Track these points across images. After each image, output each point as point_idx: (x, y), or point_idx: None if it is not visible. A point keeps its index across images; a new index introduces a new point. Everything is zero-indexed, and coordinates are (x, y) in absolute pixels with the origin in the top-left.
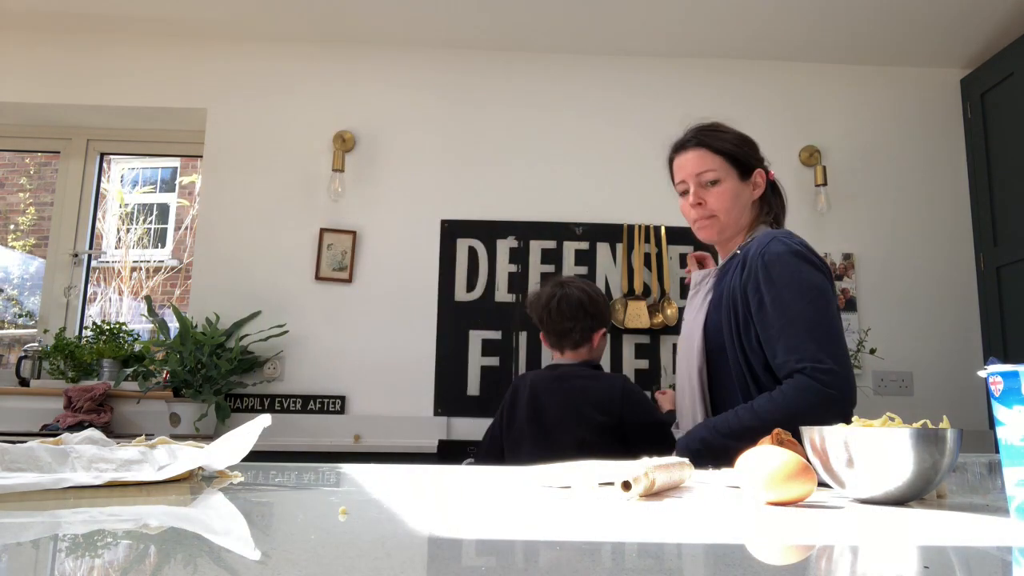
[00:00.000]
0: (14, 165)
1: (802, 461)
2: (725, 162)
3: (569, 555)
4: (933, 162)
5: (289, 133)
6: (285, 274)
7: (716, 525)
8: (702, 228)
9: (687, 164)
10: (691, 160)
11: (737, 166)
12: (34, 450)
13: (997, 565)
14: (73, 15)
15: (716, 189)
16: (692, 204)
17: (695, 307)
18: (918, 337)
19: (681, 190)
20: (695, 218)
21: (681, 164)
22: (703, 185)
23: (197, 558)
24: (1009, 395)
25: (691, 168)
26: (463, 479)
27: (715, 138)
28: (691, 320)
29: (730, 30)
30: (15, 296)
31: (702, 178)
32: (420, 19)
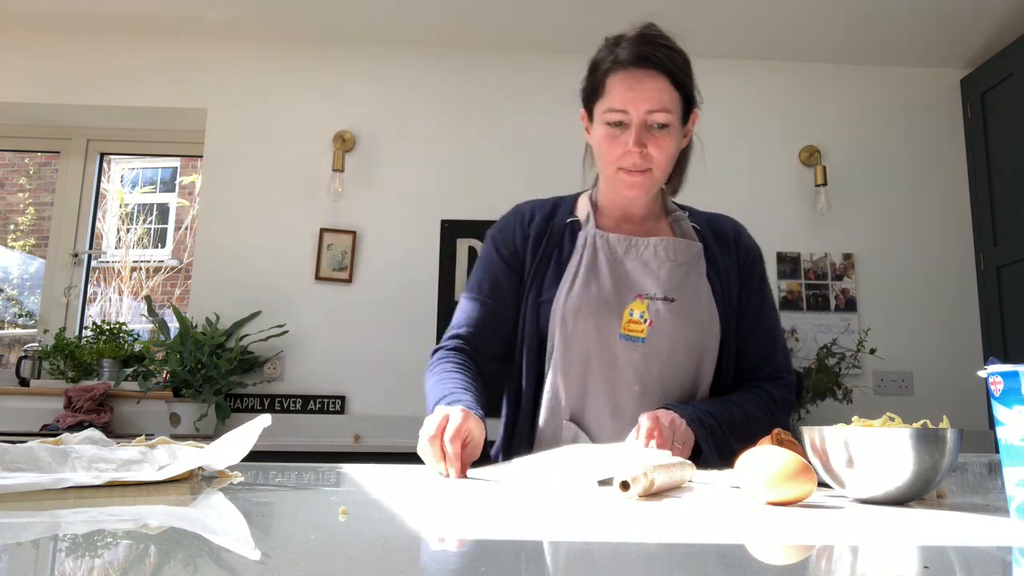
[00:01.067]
0: (14, 165)
1: (802, 461)
2: (680, 101)
3: (569, 555)
4: (933, 162)
5: (289, 133)
6: (285, 274)
7: (716, 525)
8: (634, 184)
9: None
10: (647, 88)
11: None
12: (34, 450)
13: (997, 565)
14: (73, 15)
15: (663, 136)
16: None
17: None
18: (918, 337)
19: (615, 120)
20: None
21: (629, 85)
22: (650, 127)
23: (197, 558)
24: (1009, 395)
25: (644, 99)
26: (462, 479)
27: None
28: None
29: (730, 30)
30: (15, 296)
31: (654, 118)
32: (420, 19)
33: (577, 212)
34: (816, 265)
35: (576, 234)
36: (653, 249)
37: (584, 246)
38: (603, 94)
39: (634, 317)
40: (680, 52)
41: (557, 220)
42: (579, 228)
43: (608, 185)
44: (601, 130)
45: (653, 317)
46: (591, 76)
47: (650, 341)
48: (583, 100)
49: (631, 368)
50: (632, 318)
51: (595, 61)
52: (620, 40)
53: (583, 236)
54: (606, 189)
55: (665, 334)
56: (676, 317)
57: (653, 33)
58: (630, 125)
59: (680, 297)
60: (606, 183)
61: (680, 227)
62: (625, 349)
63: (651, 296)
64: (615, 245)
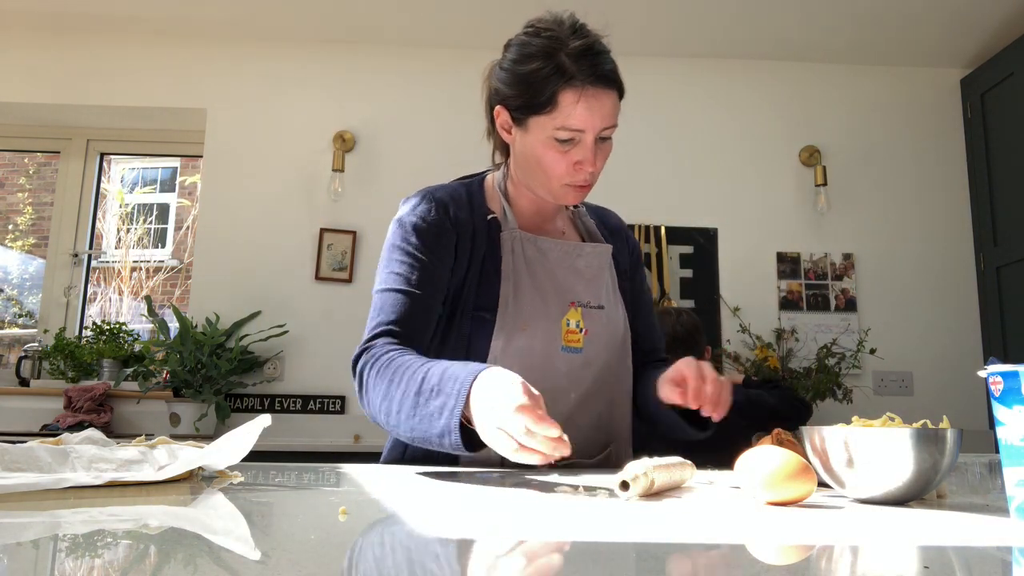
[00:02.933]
0: (14, 165)
1: (802, 461)
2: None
3: (569, 555)
4: (933, 162)
5: (289, 133)
6: (285, 274)
7: (716, 525)
8: (579, 196)
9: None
10: (605, 106)
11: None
12: (34, 450)
13: (997, 565)
14: (73, 15)
15: (606, 148)
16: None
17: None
18: (918, 337)
19: (567, 137)
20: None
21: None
22: (598, 142)
23: (197, 558)
24: (1009, 395)
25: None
26: (462, 479)
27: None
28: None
29: (730, 30)
30: (15, 296)
31: (606, 133)
32: (420, 19)
33: (490, 205)
34: (816, 265)
35: (496, 233)
36: (584, 255)
37: (513, 251)
38: (554, 109)
39: (571, 327)
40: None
41: (476, 216)
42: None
43: (543, 193)
44: (545, 143)
45: (588, 326)
46: (532, 88)
47: (587, 350)
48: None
49: (566, 378)
50: (569, 328)
51: (536, 69)
52: (561, 45)
53: (509, 239)
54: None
55: (599, 341)
56: (607, 323)
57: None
58: (581, 143)
59: (606, 302)
60: (543, 192)
61: (583, 223)
62: (564, 360)
63: (584, 304)
64: (545, 249)
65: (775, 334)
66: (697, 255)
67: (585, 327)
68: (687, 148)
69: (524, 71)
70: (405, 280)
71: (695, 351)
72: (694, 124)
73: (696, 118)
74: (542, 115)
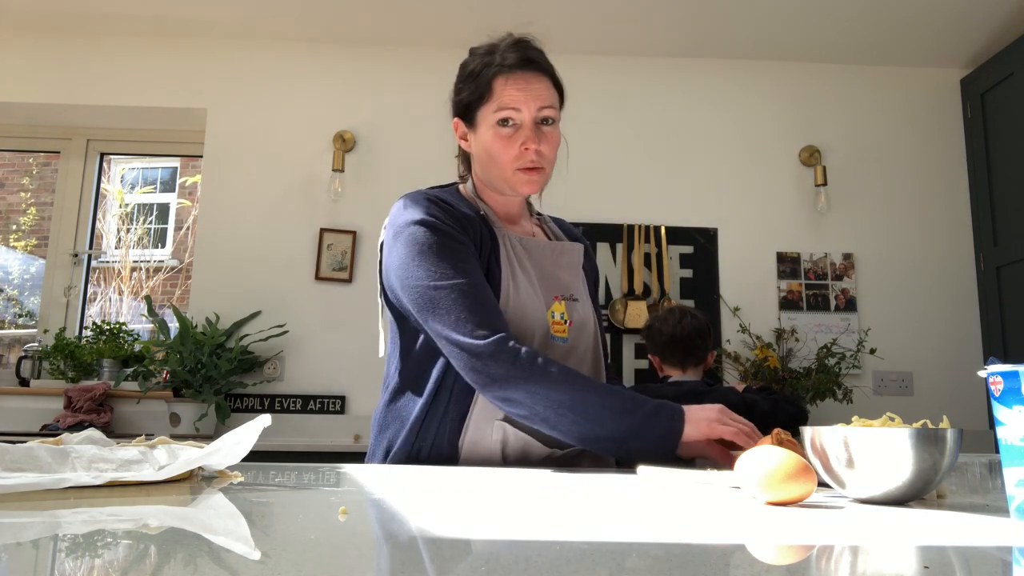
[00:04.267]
0: (15, 165)
1: (802, 461)
2: (559, 100)
3: (569, 555)
4: (933, 162)
5: (289, 133)
6: (285, 274)
7: (716, 525)
8: (531, 181)
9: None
10: (535, 88)
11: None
12: (34, 450)
13: (997, 565)
14: (73, 15)
15: (551, 132)
16: (527, 146)
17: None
18: (918, 337)
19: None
20: (527, 165)
21: (518, 86)
22: (539, 124)
23: (197, 558)
24: (1009, 395)
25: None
26: (463, 479)
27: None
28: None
29: (730, 30)
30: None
31: (544, 114)
32: (420, 19)
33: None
34: (816, 265)
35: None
36: (567, 253)
37: (509, 247)
38: (490, 97)
39: (556, 319)
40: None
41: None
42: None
43: (503, 186)
44: (491, 132)
45: (571, 317)
46: (473, 83)
47: (571, 340)
48: (460, 109)
49: None
50: (555, 319)
51: (472, 70)
52: (494, 49)
53: (502, 236)
54: (493, 192)
55: (580, 331)
56: (581, 313)
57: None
58: (521, 125)
59: (580, 296)
60: (502, 183)
61: (549, 228)
62: (555, 350)
63: (566, 297)
64: (532, 248)
65: (775, 334)
66: (697, 255)
67: (569, 318)
68: (687, 148)
69: (467, 72)
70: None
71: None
72: (694, 124)
73: (696, 118)
74: (484, 106)
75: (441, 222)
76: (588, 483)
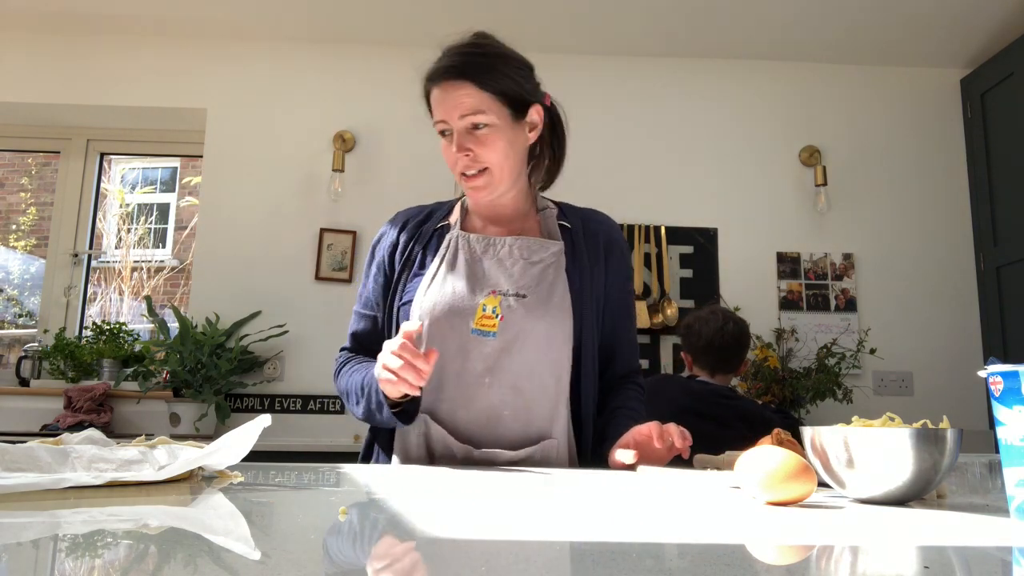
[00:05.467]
0: (14, 165)
1: (802, 461)
2: (495, 101)
3: (568, 555)
4: (933, 162)
5: (289, 133)
6: (285, 274)
7: (716, 525)
8: (476, 187)
9: (447, 100)
10: (453, 97)
11: (512, 105)
12: (34, 450)
13: (997, 565)
14: (73, 15)
15: (486, 135)
16: (457, 152)
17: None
18: (918, 337)
19: (441, 129)
20: (462, 171)
21: (440, 98)
22: (471, 131)
23: (197, 558)
24: (1009, 395)
25: (453, 107)
26: (462, 479)
27: (484, 69)
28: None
29: (730, 30)
30: (15, 296)
31: (468, 120)
32: (420, 19)
33: (451, 217)
34: (816, 265)
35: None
36: (508, 248)
37: (447, 248)
38: (430, 110)
39: (486, 312)
40: (490, 55)
41: (427, 226)
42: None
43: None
44: (440, 143)
45: (504, 312)
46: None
47: (501, 335)
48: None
49: (482, 362)
50: (484, 313)
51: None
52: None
53: (448, 238)
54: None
55: (515, 328)
56: (527, 312)
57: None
58: (452, 134)
59: (532, 293)
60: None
61: (547, 225)
62: (477, 344)
63: (504, 292)
64: (474, 245)
65: (775, 334)
66: (697, 255)
67: (501, 313)
68: (687, 148)
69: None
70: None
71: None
72: (694, 124)
73: (696, 118)
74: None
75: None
76: (588, 483)
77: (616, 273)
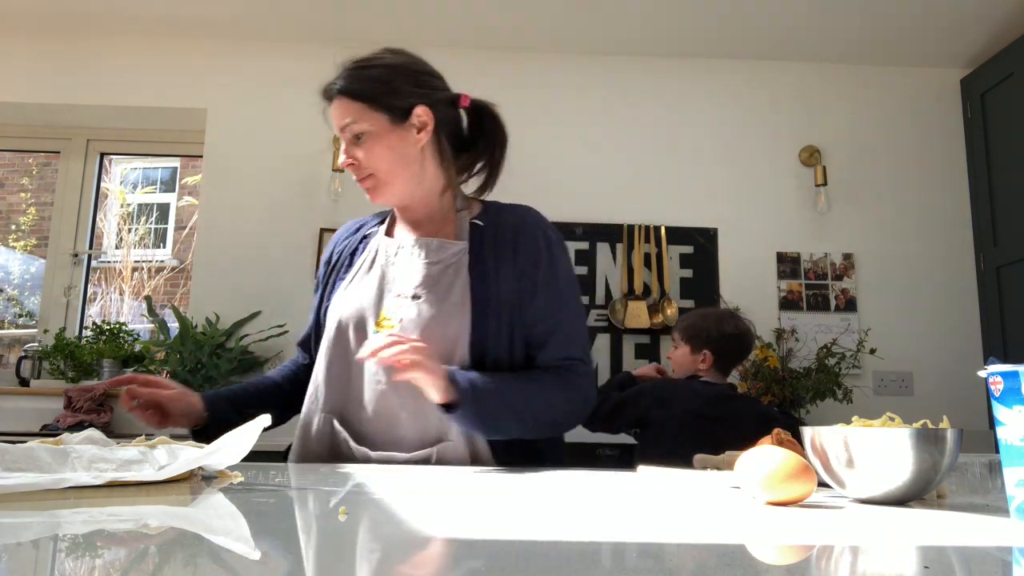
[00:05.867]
0: (15, 165)
1: (802, 461)
2: (369, 109)
3: (568, 555)
4: (933, 162)
5: (289, 133)
6: (285, 274)
7: (716, 525)
8: (368, 191)
9: (332, 116)
10: (335, 112)
11: (387, 110)
12: (34, 450)
13: (997, 565)
14: (73, 15)
15: (366, 143)
16: (343, 161)
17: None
18: (918, 337)
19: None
20: (354, 178)
21: (329, 116)
22: (352, 140)
23: (197, 558)
24: (1009, 395)
25: (336, 122)
26: (462, 479)
27: (356, 80)
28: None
29: (730, 30)
30: (15, 296)
31: (349, 131)
32: (420, 19)
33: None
34: (816, 265)
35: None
36: (411, 251)
37: (367, 253)
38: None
39: (387, 314)
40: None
41: (358, 234)
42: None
43: None
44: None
45: (404, 314)
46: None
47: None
48: None
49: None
50: (385, 315)
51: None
52: None
53: (371, 243)
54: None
55: (413, 329)
56: (422, 313)
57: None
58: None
59: (429, 294)
60: None
61: (460, 225)
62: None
63: (403, 294)
64: (388, 249)
65: (775, 334)
66: (697, 255)
67: (400, 316)
68: (687, 148)
69: None
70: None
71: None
72: (694, 124)
73: (696, 118)
74: None
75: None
76: (587, 483)
77: (527, 262)
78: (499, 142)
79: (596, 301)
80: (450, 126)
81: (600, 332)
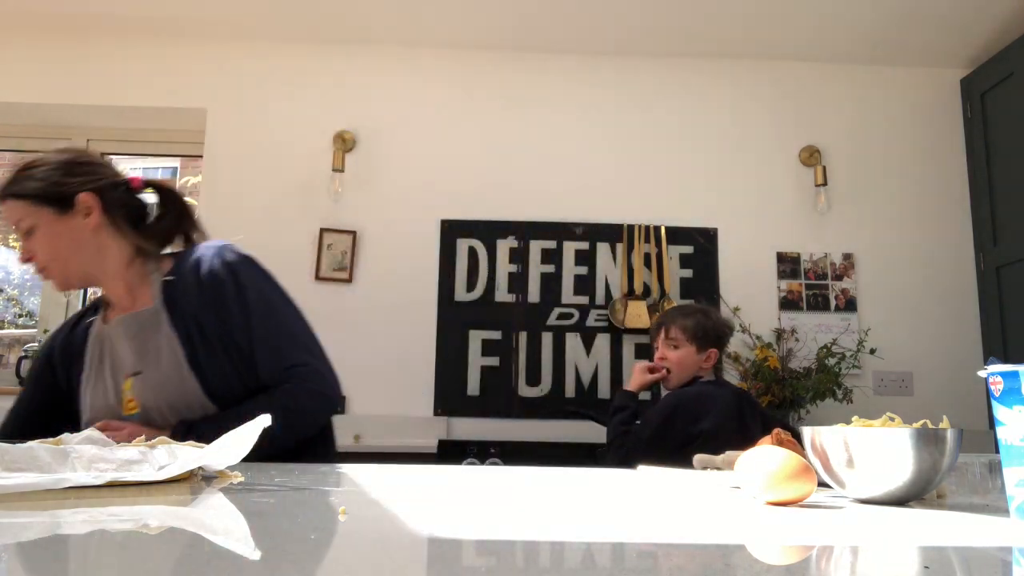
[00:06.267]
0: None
1: (802, 461)
2: (32, 205)
3: (569, 555)
4: (933, 162)
5: (289, 133)
6: (285, 274)
7: (716, 525)
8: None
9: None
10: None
11: (50, 203)
12: (34, 450)
13: (997, 565)
14: (73, 15)
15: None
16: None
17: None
18: (918, 337)
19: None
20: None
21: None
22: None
23: (197, 558)
24: (1009, 395)
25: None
26: (462, 479)
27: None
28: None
29: (730, 30)
30: (15, 296)
31: (20, 230)
32: (420, 19)
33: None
34: (816, 265)
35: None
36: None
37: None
38: None
39: (128, 396)
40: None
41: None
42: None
43: None
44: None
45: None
46: None
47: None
48: None
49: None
50: (128, 397)
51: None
52: None
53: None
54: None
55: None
56: (147, 386)
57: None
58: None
59: (145, 365)
60: None
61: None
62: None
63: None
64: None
65: (775, 334)
66: (697, 255)
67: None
68: (687, 148)
69: None
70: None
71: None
72: (694, 124)
73: (696, 118)
74: None
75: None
76: (587, 483)
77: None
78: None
79: (596, 301)
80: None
81: (600, 332)
